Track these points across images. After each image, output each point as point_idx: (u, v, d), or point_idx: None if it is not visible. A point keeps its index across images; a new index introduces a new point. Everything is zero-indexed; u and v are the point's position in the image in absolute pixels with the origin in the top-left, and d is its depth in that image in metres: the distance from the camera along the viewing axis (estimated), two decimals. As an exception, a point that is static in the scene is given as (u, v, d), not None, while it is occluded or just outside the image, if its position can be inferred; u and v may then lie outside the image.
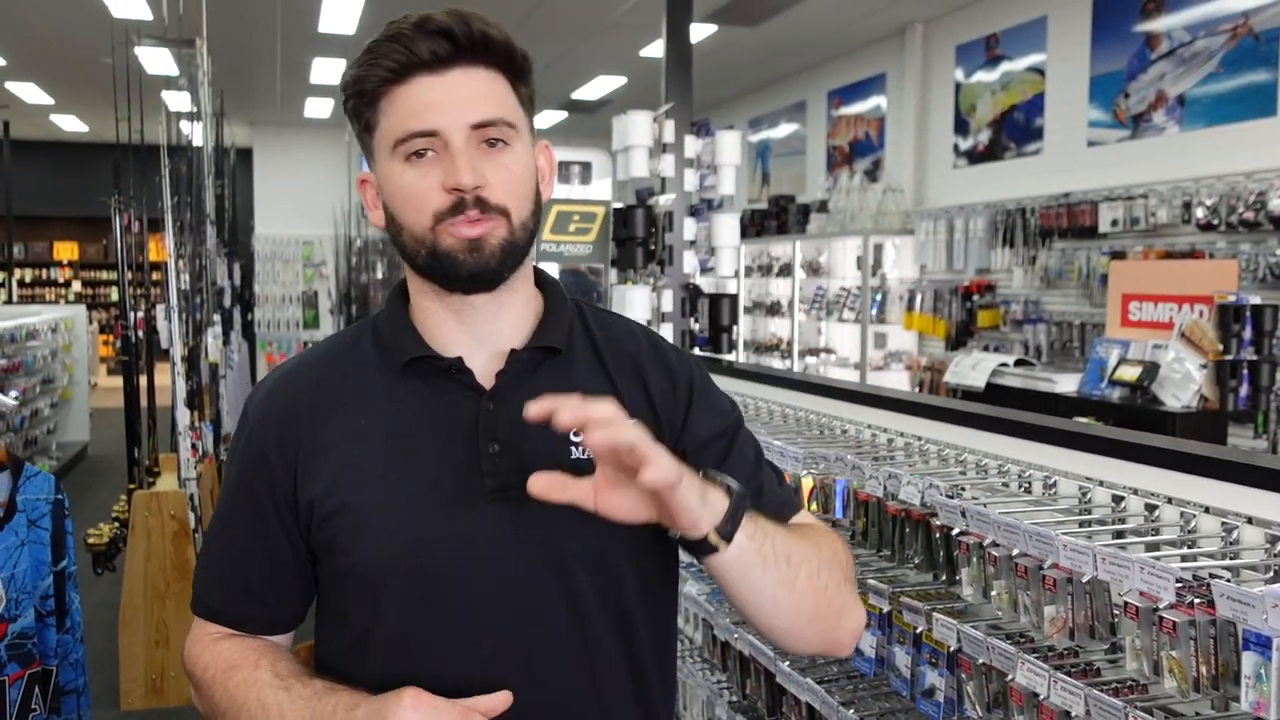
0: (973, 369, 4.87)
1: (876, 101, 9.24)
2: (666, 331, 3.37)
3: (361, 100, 1.12)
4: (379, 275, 8.53)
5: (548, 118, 13.53)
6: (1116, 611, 1.34)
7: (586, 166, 3.28)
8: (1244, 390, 3.89)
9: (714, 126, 3.46)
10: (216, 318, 6.61)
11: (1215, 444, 3.85)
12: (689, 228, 3.38)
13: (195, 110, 6.53)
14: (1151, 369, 4.07)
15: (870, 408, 2.26)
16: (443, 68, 1.08)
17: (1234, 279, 4.18)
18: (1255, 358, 3.90)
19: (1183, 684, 1.16)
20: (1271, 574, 1.25)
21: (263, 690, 1.08)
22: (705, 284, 3.57)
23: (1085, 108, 6.89)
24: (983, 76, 7.92)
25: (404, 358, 1.13)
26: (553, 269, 3.35)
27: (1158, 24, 6.30)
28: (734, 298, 3.52)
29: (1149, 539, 1.44)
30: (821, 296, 9.16)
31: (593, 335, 1.21)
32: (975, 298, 7.54)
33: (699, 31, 8.83)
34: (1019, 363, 4.99)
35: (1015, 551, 1.43)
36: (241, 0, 8.19)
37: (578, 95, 11.93)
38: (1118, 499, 1.55)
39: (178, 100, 8.24)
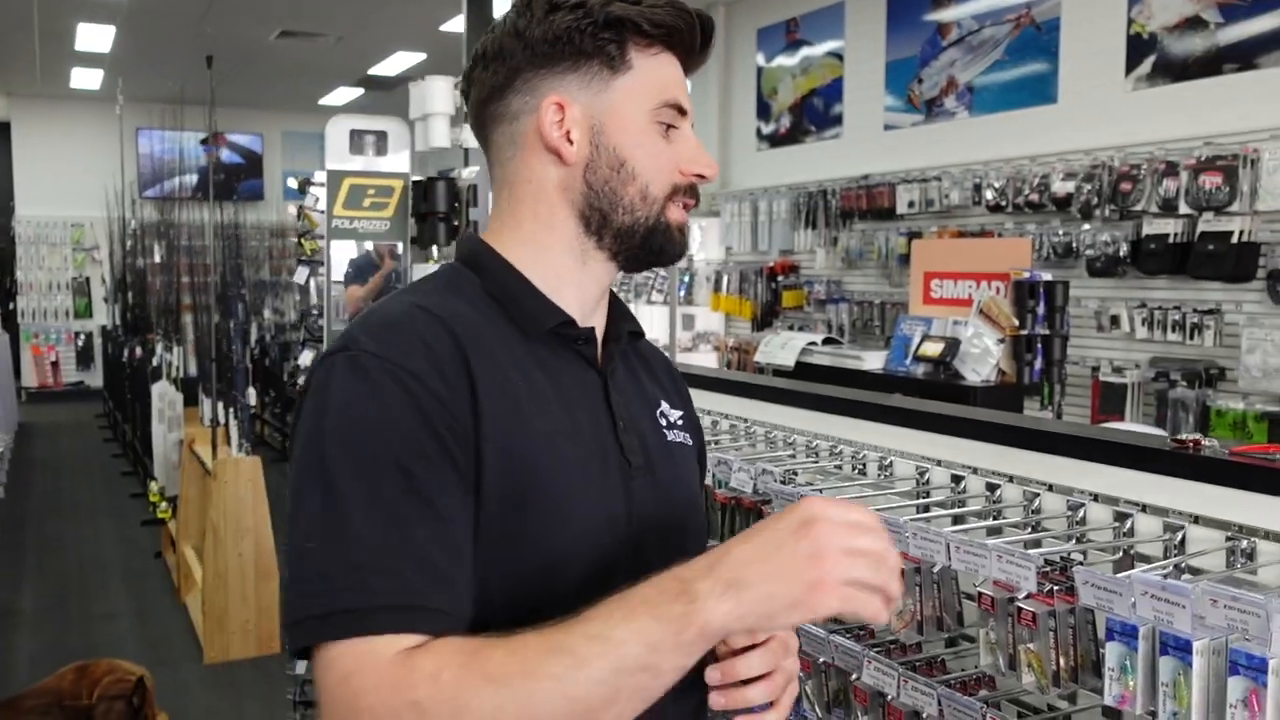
0: (782, 348, 4.89)
1: (681, 83, 9.23)
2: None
3: (613, 35, 1.05)
4: (156, 259, 7.88)
5: (342, 94, 12.93)
6: (962, 602, 1.26)
7: (382, 136, 3.03)
8: (1038, 364, 4.02)
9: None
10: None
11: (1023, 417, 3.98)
12: (492, 200, 3.16)
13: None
14: (953, 345, 4.16)
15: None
16: (691, 60, 1.10)
17: (1028, 257, 4.33)
18: (1048, 332, 4.04)
19: (1041, 678, 1.08)
20: (1120, 554, 1.19)
21: (554, 640, 0.84)
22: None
23: (881, 92, 7.07)
24: (784, 60, 8.02)
25: (547, 323, 1.05)
26: (347, 248, 3.08)
27: (947, 12, 6.52)
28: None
29: (991, 523, 1.37)
30: (629, 278, 9.10)
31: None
32: (780, 278, 7.65)
33: (505, 4, 8.57)
34: (827, 341, 5.05)
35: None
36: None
37: (375, 71, 11.44)
38: (957, 479, 1.49)
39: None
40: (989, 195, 5.90)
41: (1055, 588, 1.09)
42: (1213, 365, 4.91)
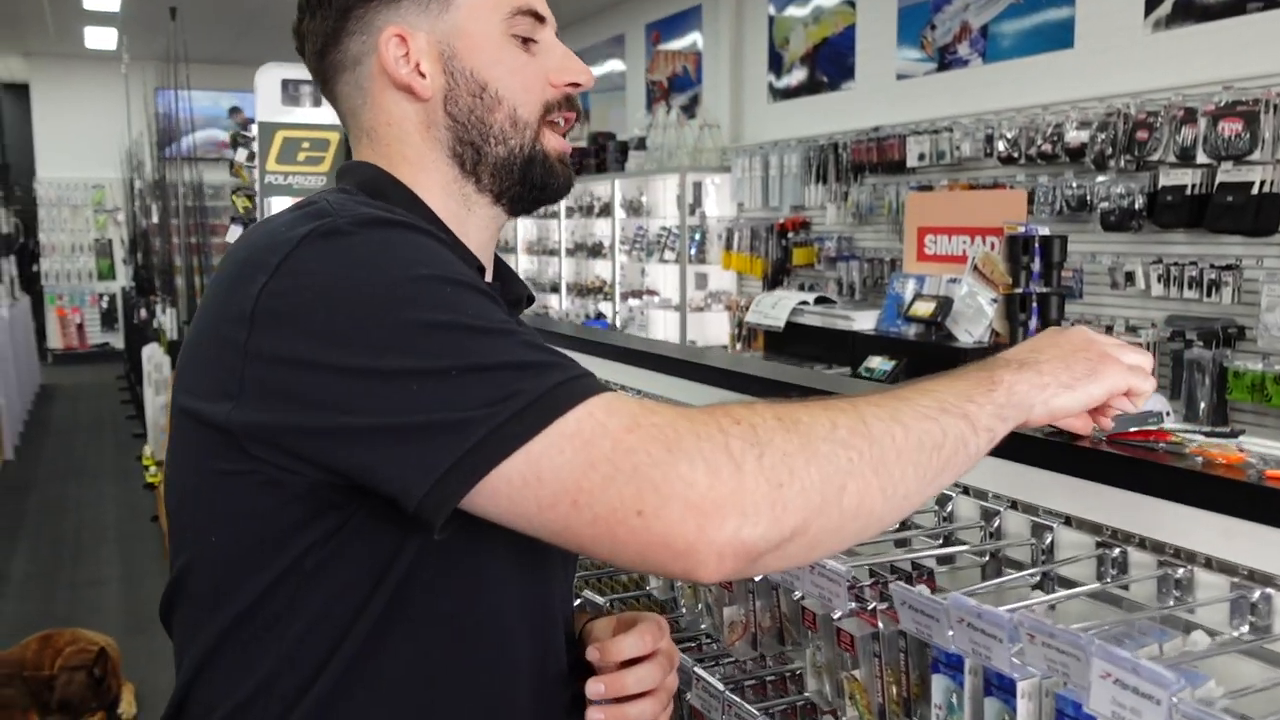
0: (773, 308, 4.69)
1: (694, 36, 8.96)
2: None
3: None
4: (154, 220, 7.79)
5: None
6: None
7: (316, 86, 2.84)
8: (1033, 324, 3.79)
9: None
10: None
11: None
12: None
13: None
14: (946, 304, 3.94)
15: (618, 363, 1.97)
16: None
17: (1023, 209, 4.08)
18: (1044, 290, 3.81)
19: (865, 713, 0.90)
20: (987, 558, 1.01)
21: (864, 399, 0.82)
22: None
23: (894, 40, 6.77)
24: (795, 10, 7.72)
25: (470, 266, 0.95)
26: (282, 204, 2.92)
27: (961, -47, 6.20)
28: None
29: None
30: (642, 237, 8.91)
31: None
32: (791, 235, 7.41)
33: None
34: (819, 300, 4.83)
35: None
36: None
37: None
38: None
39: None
40: (1000, 146, 5.61)
41: (881, 605, 0.91)
42: (1231, 324, 4.63)
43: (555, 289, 10.12)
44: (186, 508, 0.86)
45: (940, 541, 1.07)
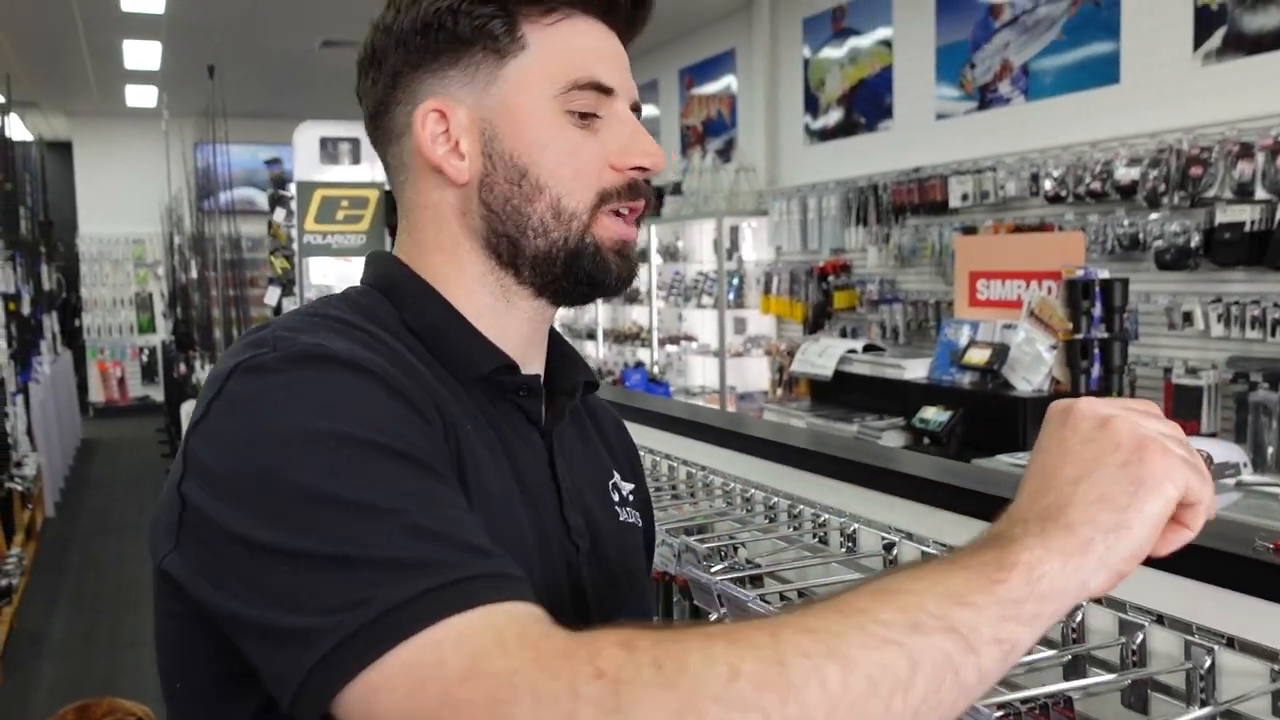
0: (820, 356, 4.57)
1: (727, 80, 8.94)
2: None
3: (496, 10, 0.83)
4: (193, 274, 7.83)
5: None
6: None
7: (355, 144, 2.80)
8: (1095, 371, 3.65)
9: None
10: (-4, 327, 5.89)
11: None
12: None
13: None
14: (1001, 351, 3.81)
15: (650, 428, 1.86)
16: (620, 22, 0.89)
17: (1081, 252, 3.95)
18: (1106, 335, 3.66)
19: None
20: (1129, 681, 0.89)
21: (808, 609, 0.60)
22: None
23: (933, 80, 6.69)
24: (831, 51, 7.67)
25: (484, 367, 0.85)
26: (323, 265, 2.86)
27: (1000, -9, 6.12)
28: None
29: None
30: (679, 282, 8.84)
31: None
32: (831, 278, 7.30)
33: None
34: (868, 348, 4.71)
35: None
36: None
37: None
38: (929, 556, 1.19)
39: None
40: (1047, 185, 5.49)
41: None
42: (1297, 365, 4.47)
43: (592, 335, 10.06)
44: (159, 652, 0.79)
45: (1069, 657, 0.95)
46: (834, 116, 7.69)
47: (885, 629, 0.56)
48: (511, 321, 0.87)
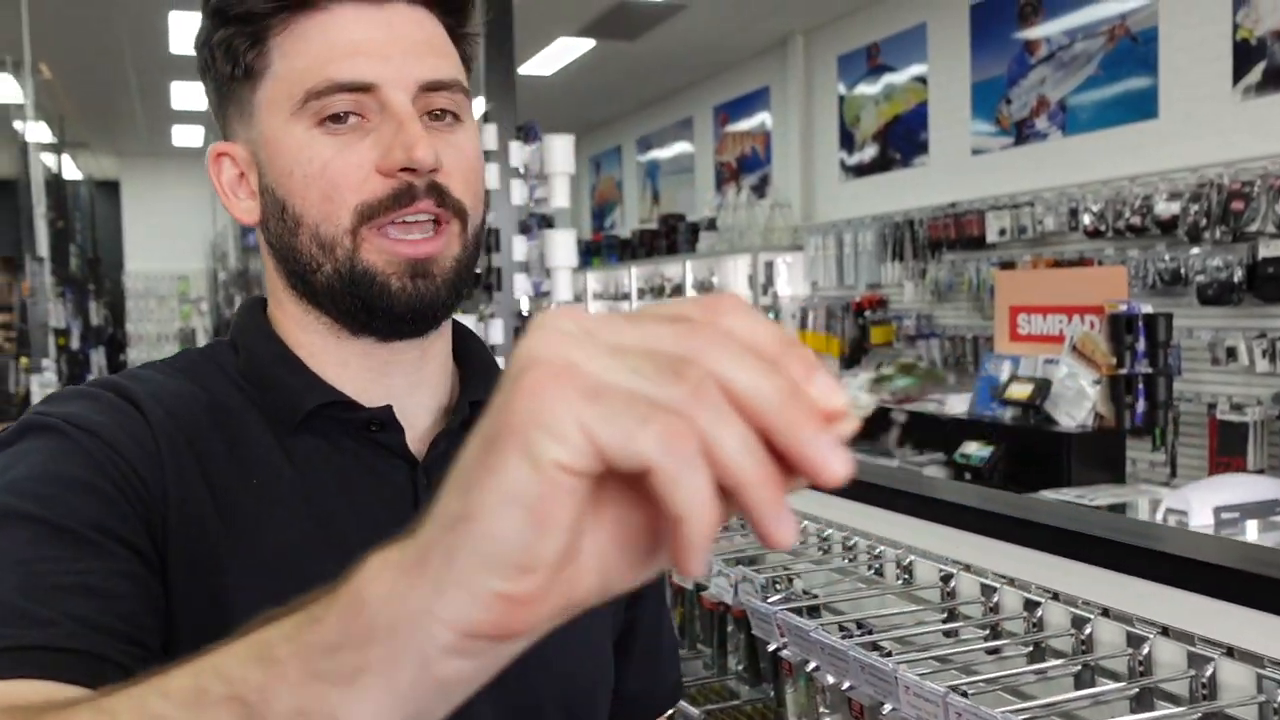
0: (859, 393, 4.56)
1: (762, 116, 9.01)
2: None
3: (242, 30, 0.74)
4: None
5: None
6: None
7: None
8: (1140, 406, 3.63)
9: (540, 130, 3.07)
10: (47, 361, 6.01)
11: (1115, 481, 3.58)
12: (519, 247, 2.98)
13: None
14: (1043, 386, 3.80)
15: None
16: None
17: (1124, 286, 3.95)
18: (1150, 370, 3.65)
19: None
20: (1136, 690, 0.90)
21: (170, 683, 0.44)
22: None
23: (968, 116, 6.71)
24: (865, 87, 7.71)
25: (307, 403, 0.76)
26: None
27: (1036, 29, 6.14)
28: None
29: (1030, 655, 1.08)
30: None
31: None
32: (868, 314, 7.31)
33: (576, 47, 8.50)
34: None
35: (846, 685, 1.06)
36: (86, 23, 7.57)
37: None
38: (988, 589, 1.20)
39: (33, 132, 7.67)
40: (1086, 220, 5.49)
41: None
42: (1345, 400, 4.42)
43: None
44: None
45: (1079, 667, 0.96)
46: (869, 152, 7.72)
47: (164, 703, 0.42)
48: (350, 357, 0.79)
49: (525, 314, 2.99)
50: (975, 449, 3.73)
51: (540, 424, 0.36)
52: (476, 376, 0.84)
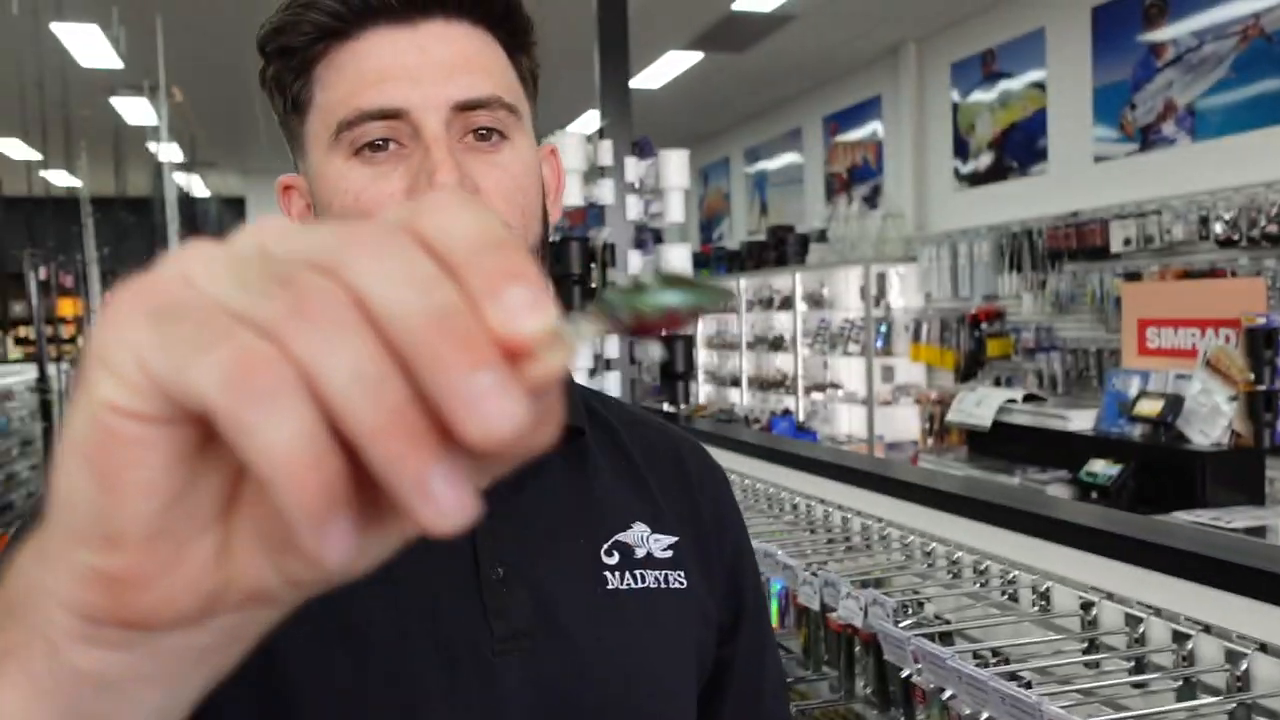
0: (977, 406, 4.46)
1: (873, 126, 8.89)
2: (613, 381, 2.98)
3: (286, 66, 0.74)
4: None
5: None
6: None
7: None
8: (1280, 424, 3.46)
9: (655, 146, 3.08)
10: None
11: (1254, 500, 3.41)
12: (633, 261, 2.99)
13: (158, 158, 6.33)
14: (1175, 402, 3.64)
15: (823, 478, 1.86)
16: (412, 17, 0.72)
17: (1262, 298, 3.76)
18: (1290, 387, 3.47)
19: None
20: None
21: None
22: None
23: (1090, 122, 6.50)
24: (981, 95, 7.55)
25: None
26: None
27: (1162, 31, 5.92)
28: (689, 340, 3.11)
29: (1178, 690, 1.03)
30: (825, 329, 8.76)
31: (608, 421, 0.84)
32: (984, 326, 7.13)
33: (684, 60, 8.52)
34: (1028, 398, 4.57)
35: (985, 717, 1.02)
36: (215, 48, 7.92)
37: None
38: (1133, 619, 1.15)
39: (167, 152, 8.04)
40: (1218, 228, 5.25)
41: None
42: None
43: (735, 383, 10.05)
44: None
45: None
46: (984, 160, 7.55)
47: None
48: None
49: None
50: (1102, 467, 3.60)
51: (100, 355, 0.28)
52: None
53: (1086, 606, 1.21)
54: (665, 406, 2.89)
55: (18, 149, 11.51)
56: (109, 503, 0.29)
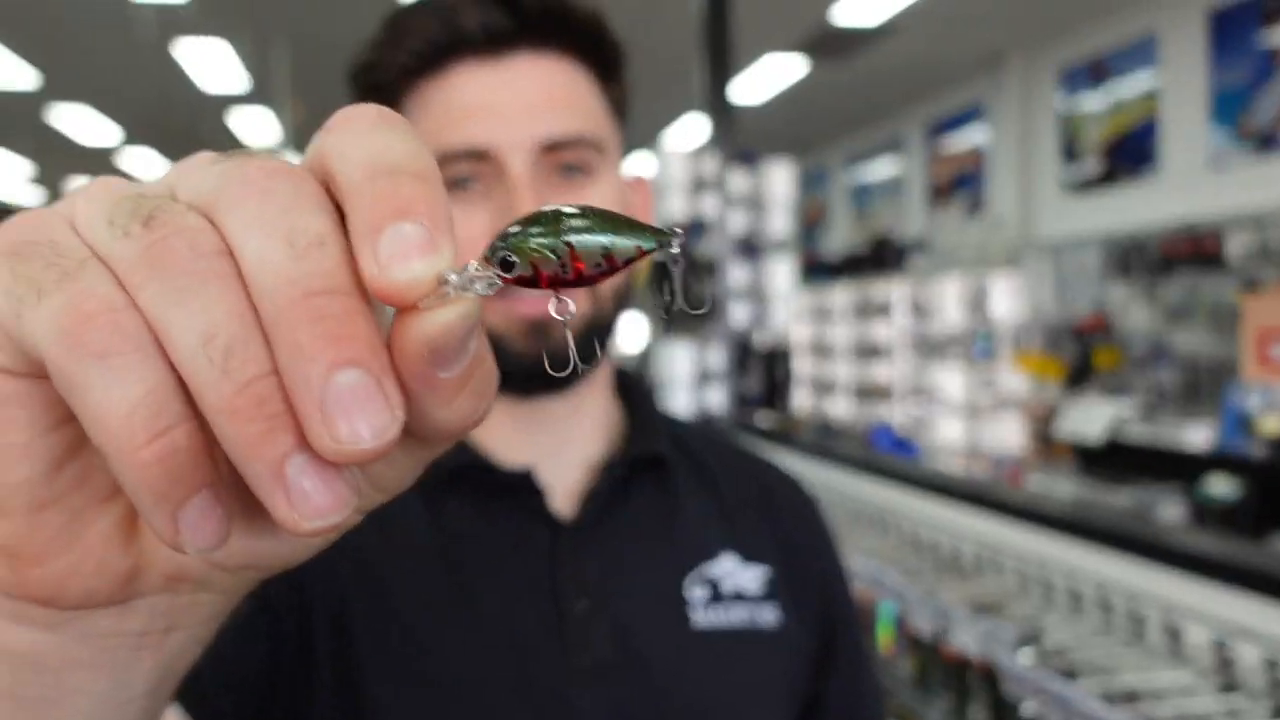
0: (1087, 421, 4.33)
1: (976, 133, 8.72)
2: (716, 393, 2.98)
3: (375, 100, 0.74)
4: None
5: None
6: None
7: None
8: None
9: (757, 156, 3.07)
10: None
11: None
12: (735, 274, 2.99)
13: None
14: (1299, 420, 3.50)
15: (938, 501, 1.83)
16: (499, 51, 0.71)
17: (1395, 313, 3.58)
18: None
19: None
20: None
21: None
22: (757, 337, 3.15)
23: (1205, 127, 6.28)
24: (1088, 100, 7.35)
25: (447, 465, 0.73)
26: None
27: (1284, 31, 5.69)
28: (787, 353, 3.10)
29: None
30: (925, 339, 8.62)
31: (695, 454, 0.83)
32: (1091, 336, 6.93)
33: (792, 69, 8.47)
34: (1141, 413, 4.43)
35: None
36: (334, 62, 8.15)
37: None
38: (1272, 664, 1.10)
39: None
40: (1345, 237, 5.03)
41: None
42: None
43: (832, 390, 9.96)
44: None
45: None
46: (1092, 167, 7.34)
47: None
48: (492, 417, 0.74)
49: (746, 341, 3.00)
50: (1221, 486, 3.47)
51: None
52: (643, 429, 0.80)
53: (1220, 644, 1.17)
54: (757, 420, 2.88)
55: (154, 160, 12.05)
56: None
